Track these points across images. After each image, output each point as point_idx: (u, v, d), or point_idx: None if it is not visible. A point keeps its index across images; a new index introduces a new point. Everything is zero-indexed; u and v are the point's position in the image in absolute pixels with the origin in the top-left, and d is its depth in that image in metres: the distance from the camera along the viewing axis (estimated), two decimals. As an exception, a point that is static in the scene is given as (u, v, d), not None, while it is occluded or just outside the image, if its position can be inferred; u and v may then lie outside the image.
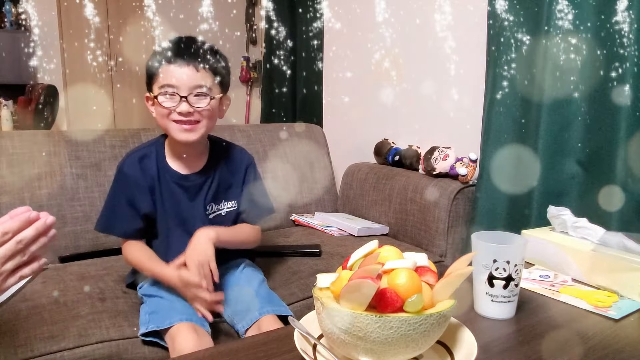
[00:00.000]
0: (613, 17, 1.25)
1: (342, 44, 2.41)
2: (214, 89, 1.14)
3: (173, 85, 1.09)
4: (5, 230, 0.63)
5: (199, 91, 1.10)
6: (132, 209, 1.17)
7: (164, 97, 1.10)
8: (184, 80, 1.09)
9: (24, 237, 0.65)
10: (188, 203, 1.20)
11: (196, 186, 1.20)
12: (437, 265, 1.64)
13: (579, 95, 1.35)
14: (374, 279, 0.55)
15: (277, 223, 1.89)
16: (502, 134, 1.53)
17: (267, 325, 1.09)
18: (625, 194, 1.24)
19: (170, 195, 1.19)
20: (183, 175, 1.20)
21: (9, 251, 0.64)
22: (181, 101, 1.09)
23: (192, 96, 1.10)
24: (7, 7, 3.84)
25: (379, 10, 2.15)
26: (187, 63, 1.10)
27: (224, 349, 0.70)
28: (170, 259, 1.16)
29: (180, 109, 1.10)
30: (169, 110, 1.11)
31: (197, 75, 1.10)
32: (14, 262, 0.66)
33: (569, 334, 0.75)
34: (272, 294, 1.21)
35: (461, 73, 1.80)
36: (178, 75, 1.09)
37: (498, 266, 0.78)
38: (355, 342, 0.58)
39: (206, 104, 1.11)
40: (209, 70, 1.12)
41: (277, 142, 1.99)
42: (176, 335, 1.03)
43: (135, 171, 1.18)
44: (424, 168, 1.75)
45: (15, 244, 0.64)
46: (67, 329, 1.06)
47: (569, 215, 1.05)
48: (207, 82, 1.11)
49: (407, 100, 2.05)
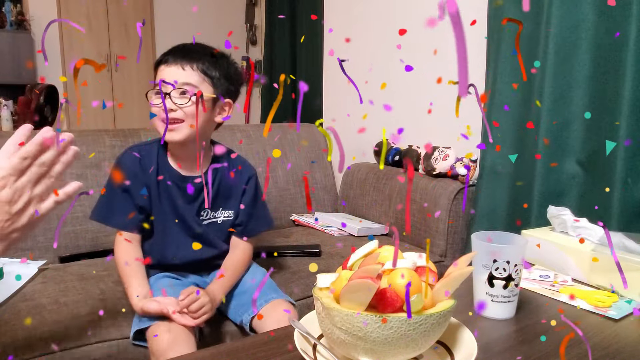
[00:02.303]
0: (613, 17, 1.25)
1: (342, 43, 2.41)
2: (203, 89, 1.13)
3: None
4: (24, 155, 0.61)
5: (184, 88, 1.11)
6: (128, 200, 1.17)
7: (152, 95, 1.12)
8: (169, 78, 1.10)
9: (45, 159, 0.63)
10: (184, 204, 1.20)
11: (195, 190, 1.20)
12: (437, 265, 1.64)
13: (579, 95, 1.35)
14: (374, 279, 0.55)
15: (277, 223, 1.89)
16: (502, 134, 1.53)
17: (273, 310, 1.11)
18: (625, 194, 1.24)
19: (167, 193, 1.19)
20: (182, 176, 1.20)
21: (34, 174, 0.62)
22: (165, 98, 1.10)
23: (175, 92, 1.10)
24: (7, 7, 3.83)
25: (379, 9, 2.16)
26: (175, 62, 1.11)
27: (224, 349, 0.70)
28: (168, 256, 1.18)
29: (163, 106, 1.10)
30: (158, 109, 1.12)
31: (182, 74, 1.11)
32: (43, 186, 0.64)
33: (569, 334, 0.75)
34: (275, 285, 1.24)
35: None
36: (165, 74, 1.11)
37: (498, 266, 0.78)
38: (355, 342, 0.58)
39: (187, 101, 1.10)
40: (198, 70, 1.12)
41: (277, 142, 1.99)
42: (150, 337, 1.03)
43: (133, 164, 1.18)
44: (424, 168, 1.75)
45: (39, 167, 0.63)
46: (67, 329, 1.06)
47: (569, 215, 1.05)
48: (193, 80, 1.11)
49: (407, 100, 2.05)
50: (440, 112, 1.90)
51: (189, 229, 1.20)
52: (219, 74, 1.15)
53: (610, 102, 1.27)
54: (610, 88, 1.27)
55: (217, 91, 1.15)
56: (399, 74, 2.08)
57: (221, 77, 1.16)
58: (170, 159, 1.21)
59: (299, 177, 1.99)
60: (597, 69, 1.31)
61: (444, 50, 1.87)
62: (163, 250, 1.19)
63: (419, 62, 1.98)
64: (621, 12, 1.23)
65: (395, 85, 2.10)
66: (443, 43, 1.87)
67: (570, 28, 1.33)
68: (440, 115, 1.90)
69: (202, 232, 1.21)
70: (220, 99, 1.17)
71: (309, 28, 3.05)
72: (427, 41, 1.93)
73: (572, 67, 1.34)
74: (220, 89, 1.16)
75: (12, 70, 3.85)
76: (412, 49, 2.00)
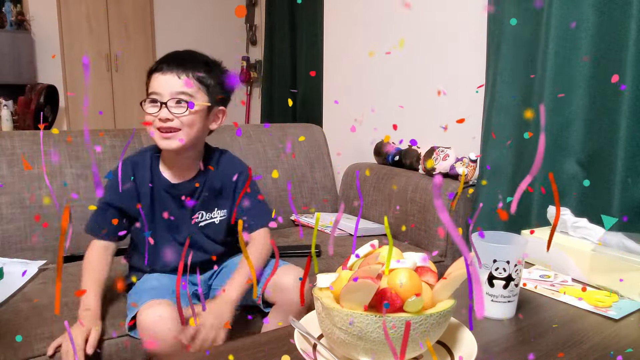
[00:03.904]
0: (613, 17, 1.25)
1: (342, 44, 2.41)
2: (199, 98, 1.13)
3: (156, 92, 1.11)
4: None
5: (179, 98, 1.11)
6: (110, 211, 1.17)
7: (148, 104, 1.13)
8: (164, 87, 1.11)
9: None
10: (177, 211, 1.20)
11: (185, 195, 1.21)
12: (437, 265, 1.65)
13: (579, 95, 1.35)
14: (374, 279, 0.55)
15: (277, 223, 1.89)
16: (502, 134, 1.53)
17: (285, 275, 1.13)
18: (625, 194, 1.24)
19: (160, 202, 1.20)
20: (172, 184, 1.21)
21: None
22: (161, 107, 1.10)
23: (172, 102, 1.11)
24: (7, 7, 3.83)
25: (379, 10, 2.16)
26: (170, 70, 1.12)
27: (224, 349, 0.70)
28: (159, 265, 1.19)
29: (160, 115, 1.11)
30: (153, 117, 1.12)
31: (177, 82, 1.11)
32: None
33: (569, 334, 0.75)
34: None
35: (461, 73, 1.80)
36: (161, 82, 1.11)
37: (498, 266, 0.78)
38: (355, 342, 0.58)
39: (184, 110, 1.11)
40: (193, 78, 1.13)
41: (277, 142, 1.99)
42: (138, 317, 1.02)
43: (125, 176, 1.18)
44: (424, 168, 1.75)
45: None
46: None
47: (569, 215, 1.05)
48: (188, 89, 1.12)
49: (407, 100, 2.05)
50: (441, 112, 1.90)
51: (182, 235, 1.21)
52: (213, 82, 1.16)
53: (610, 102, 1.27)
54: (610, 88, 1.27)
55: (211, 99, 1.16)
56: (398, 74, 2.08)
57: (216, 85, 1.16)
58: (162, 167, 1.22)
59: (299, 177, 1.99)
60: (597, 69, 1.31)
61: (443, 49, 1.87)
62: (156, 257, 1.20)
63: (419, 62, 1.98)
64: (621, 12, 1.23)
65: (395, 85, 2.10)
66: (443, 43, 1.87)
67: (570, 28, 1.33)
68: (440, 116, 1.90)
69: (194, 237, 1.21)
70: (215, 107, 1.18)
71: (309, 28, 3.05)
72: (427, 41, 1.93)
73: (572, 67, 1.34)
74: (214, 97, 1.17)
75: (12, 70, 3.85)
76: (412, 48, 2.00)
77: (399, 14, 2.05)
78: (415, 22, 1.98)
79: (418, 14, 1.96)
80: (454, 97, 1.84)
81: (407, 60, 2.03)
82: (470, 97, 1.74)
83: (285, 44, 3.42)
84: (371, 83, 2.23)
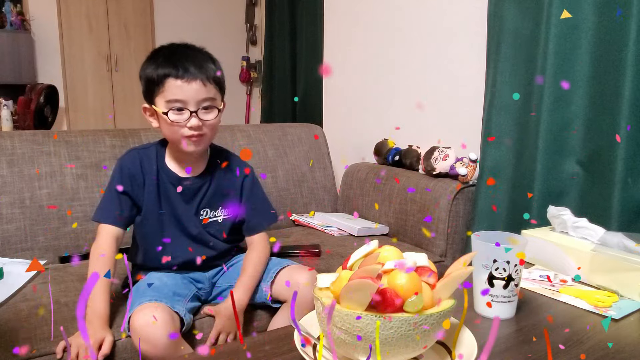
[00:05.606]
0: (613, 17, 1.25)
1: (342, 44, 2.41)
2: (218, 100, 1.15)
3: (181, 100, 1.09)
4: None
5: (207, 104, 1.11)
6: (119, 197, 1.17)
7: (173, 113, 1.10)
8: (192, 95, 1.09)
9: None
10: (183, 205, 1.21)
11: (192, 190, 1.21)
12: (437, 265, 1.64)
13: (579, 95, 1.35)
14: (374, 279, 0.55)
15: (277, 223, 1.89)
16: (502, 134, 1.53)
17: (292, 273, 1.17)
18: (625, 194, 1.24)
19: (167, 195, 1.20)
20: (180, 177, 1.21)
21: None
22: (191, 116, 1.10)
23: (200, 110, 1.11)
24: (7, 7, 3.83)
25: (379, 10, 2.16)
26: (195, 77, 1.09)
27: (224, 349, 0.70)
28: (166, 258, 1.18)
29: (190, 124, 1.10)
30: (179, 125, 1.11)
31: (204, 90, 1.10)
32: None
33: (569, 334, 0.75)
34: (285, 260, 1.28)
35: (461, 73, 1.80)
36: (186, 91, 1.09)
37: (498, 266, 0.78)
38: (355, 342, 0.58)
39: (214, 116, 1.13)
40: (214, 81, 1.13)
41: (277, 142, 1.99)
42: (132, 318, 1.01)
43: (133, 165, 1.19)
44: (424, 168, 1.75)
45: None
46: (67, 329, 1.06)
47: (569, 215, 1.05)
48: (213, 94, 1.12)
49: (407, 100, 2.05)
50: (441, 112, 1.90)
51: (187, 229, 1.21)
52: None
53: (610, 102, 1.27)
54: (610, 88, 1.27)
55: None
56: (398, 74, 2.08)
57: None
58: (168, 161, 1.22)
59: (299, 177, 1.99)
60: (597, 69, 1.31)
61: (443, 49, 1.87)
62: (162, 249, 1.19)
63: (419, 62, 1.98)
64: (621, 12, 1.23)
65: (395, 85, 2.10)
66: (443, 43, 1.87)
67: (570, 28, 1.33)
68: (440, 116, 1.90)
69: (199, 233, 1.22)
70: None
71: (309, 28, 3.05)
72: (427, 41, 1.93)
73: (572, 67, 1.34)
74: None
75: (12, 70, 3.85)
76: (412, 48, 2.00)
77: (399, 14, 2.05)
78: (415, 22, 1.98)
79: (418, 14, 1.96)
80: (454, 97, 1.84)
81: (407, 60, 2.03)
82: (471, 97, 1.74)
83: (285, 44, 3.42)
84: (371, 83, 2.23)
